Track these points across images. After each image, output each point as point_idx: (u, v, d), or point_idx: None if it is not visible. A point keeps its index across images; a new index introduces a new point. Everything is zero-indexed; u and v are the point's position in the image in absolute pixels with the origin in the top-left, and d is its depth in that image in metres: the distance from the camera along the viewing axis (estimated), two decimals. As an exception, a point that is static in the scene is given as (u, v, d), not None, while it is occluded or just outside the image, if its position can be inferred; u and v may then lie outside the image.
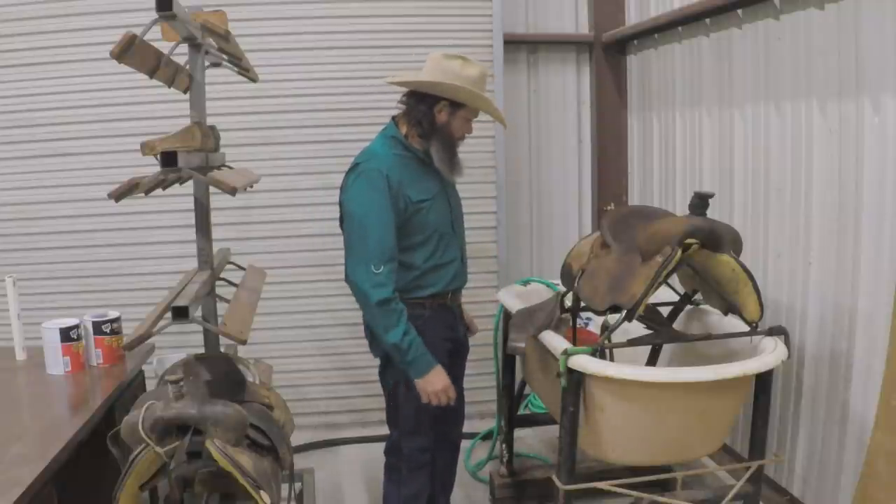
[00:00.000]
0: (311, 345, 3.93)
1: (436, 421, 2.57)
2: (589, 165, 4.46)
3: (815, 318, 2.74)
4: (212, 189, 2.10)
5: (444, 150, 2.40)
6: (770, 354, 2.24)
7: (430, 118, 2.36)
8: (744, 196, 3.15)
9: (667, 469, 2.49)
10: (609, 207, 4.29)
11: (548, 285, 3.22)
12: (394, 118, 2.49)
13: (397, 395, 2.52)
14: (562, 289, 2.81)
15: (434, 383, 2.36)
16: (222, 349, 2.36)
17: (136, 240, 3.73)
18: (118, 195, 1.91)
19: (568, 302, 2.76)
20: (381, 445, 3.09)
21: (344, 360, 3.96)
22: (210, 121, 2.20)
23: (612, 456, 2.35)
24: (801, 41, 2.71)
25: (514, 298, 3.03)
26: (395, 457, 2.66)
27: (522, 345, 2.56)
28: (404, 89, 2.43)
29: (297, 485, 2.77)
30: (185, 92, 2.12)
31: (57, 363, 2.37)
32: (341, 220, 2.46)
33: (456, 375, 2.66)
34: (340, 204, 2.44)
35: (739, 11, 3.09)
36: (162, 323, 1.79)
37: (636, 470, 2.43)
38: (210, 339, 2.25)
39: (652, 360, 2.81)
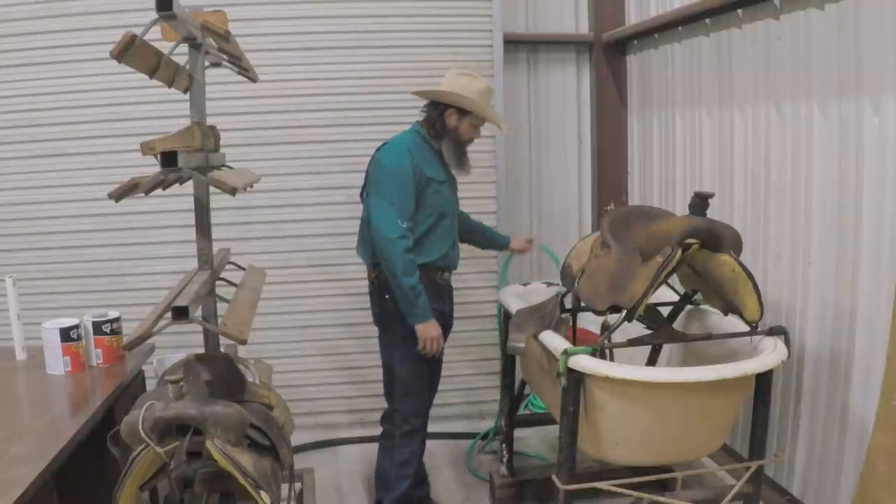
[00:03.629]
0: (310, 345, 3.93)
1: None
2: (589, 165, 4.46)
3: (815, 318, 2.74)
4: (212, 189, 2.09)
5: (454, 148, 2.84)
6: (770, 354, 2.24)
7: (441, 122, 2.80)
8: (744, 196, 3.15)
9: (667, 469, 2.49)
10: (609, 207, 4.29)
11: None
12: (418, 121, 2.89)
13: (394, 359, 2.85)
14: (561, 289, 2.81)
15: (432, 330, 2.72)
16: (222, 349, 2.36)
17: (136, 240, 3.73)
18: (118, 195, 1.91)
19: (568, 302, 2.77)
20: (381, 445, 3.11)
21: (344, 360, 3.96)
22: (210, 121, 2.19)
23: (612, 456, 2.35)
24: (801, 41, 2.71)
25: (514, 298, 3.03)
26: (389, 423, 2.95)
27: (522, 345, 2.57)
28: (410, 95, 2.90)
29: (297, 485, 2.77)
30: (185, 92, 2.11)
31: (57, 363, 2.37)
32: (363, 191, 2.85)
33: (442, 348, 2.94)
34: (367, 175, 2.82)
35: (739, 11, 3.09)
36: (162, 323, 1.78)
37: (636, 470, 2.44)
38: (210, 339, 2.24)
39: (652, 360, 2.81)
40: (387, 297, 2.78)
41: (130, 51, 1.69)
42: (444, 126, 2.80)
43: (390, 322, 2.82)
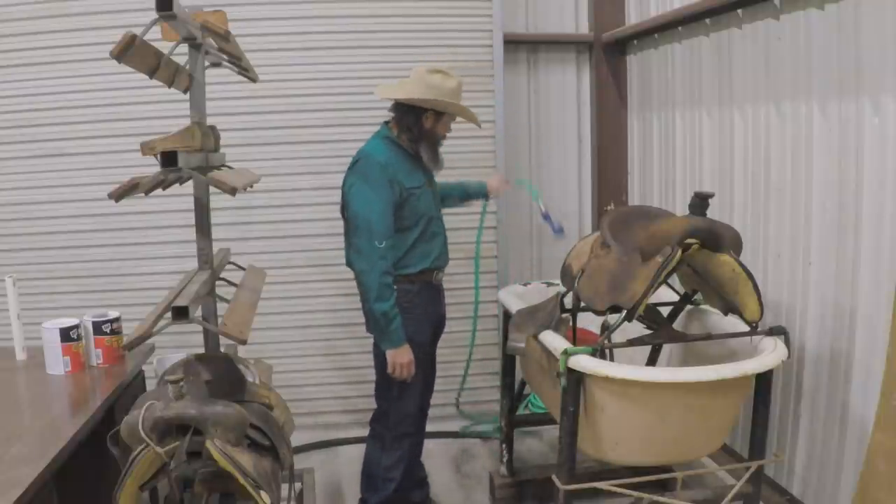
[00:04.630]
0: (310, 345, 3.93)
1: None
2: (589, 165, 4.46)
3: (815, 318, 2.74)
4: (212, 189, 2.09)
5: (431, 149, 2.78)
6: (770, 354, 2.24)
7: (419, 125, 2.72)
8: (744, 196, 3.15)
9: (667, 469, 2.49)
10: (609, 207, 4.29)
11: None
12: (385, 123, 2.82)
13: (387, 363, 2.76)
14: (561, 288, 2.81)
15: (403, 356, 2.69)
16: (222, 349, 2.36)
17: (136, 240, 3.73)
18: (118, 195, 1.91)
19: (568, 302, 2.77)
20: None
21: (344, 360, 3.96)
22: (210, 121, 2.19)
23: (612, 456, 2.35)
24: (801, 41, 2.71)
25: (514, 298, 3.03)
26: (380, 425, 2.91)
27: (522, 345, 2.57)
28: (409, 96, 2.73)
29: (297, 485, 2.76)
30: (185, 92, 2.11)
31: (57, 363, 2.37)
32: (343, 208, 2.78)
33: (436, 348, 3.01)
34: (344, 194, 2.75)
35: (739, 11, 3.09)
36: (162, 323, 1.79)
37: (636, 470, 2.43)
38: (210, 339, 2.25)
39: (652, 360, 2.81)
40: None
41: (130, 51, 1.69)
42: (422, 129, 2.72)
43: None
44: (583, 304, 2.58)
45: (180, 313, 1.72)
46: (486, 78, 3.82)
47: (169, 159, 1.74)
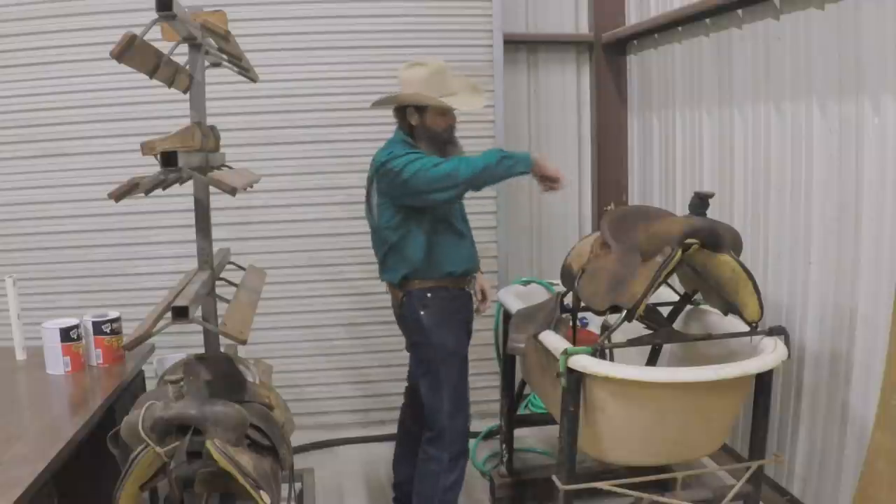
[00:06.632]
0: (311, 345, 3.93)
1: None
2: (589, 165, 4.46)
3: (815, 318, 2.74)
4: (212, 189, 2.09)
5: (432, 145, 2.65)
6: (770, 354, 2.24)
7: (407, 123, 2.66)
8: (744, 196, 3.15)
9: (667, 469, 2.49)
10: (609, 207, 4.29)
11: (547, 288, 3.22)
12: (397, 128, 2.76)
13: (439, 378, 2.64)
14: (561, 289, 2.81)
15: (543, 163, 2.52)
16: (222, 349, 2.36)
17: (136, 240, 3.73)
18: (118, 195, 1.91)
19: (568, 302, 2.77)
20: (381, 445, 3.11)
21: (344, 360, 3.95)
22: (210, 121, 2.19)
23: (612, 456, 2.35)
24: (801, 41, 2.71)
25: (514, 298, 3.03)
26: (436, 447, 2.67)
27: (522, 345, 2.57)
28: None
29: (297, 485, 2.76)
30: (185, 92, 2.11)
31: (57, 363, 2.37)
32: (368, 205, 2.71)
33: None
34: (368, 195, 2.69)
35: (739, 11, 3.09)
36: (162, 323, 1.78)
37: (636, 470, 2.43)
38: (210, 339, 2.24)
39: (652, 360, 2.81)
40: (422, 312, 2.62)
41: (130, 51, 1.69)
42: (411, 127, 2.65)
43: (429, 338, 2.64)
44: (583, 304, 2.58)
45: (180, 313, 1.71)
46: (486, 78, 3.81)
47: (169, 159, 1.74)
